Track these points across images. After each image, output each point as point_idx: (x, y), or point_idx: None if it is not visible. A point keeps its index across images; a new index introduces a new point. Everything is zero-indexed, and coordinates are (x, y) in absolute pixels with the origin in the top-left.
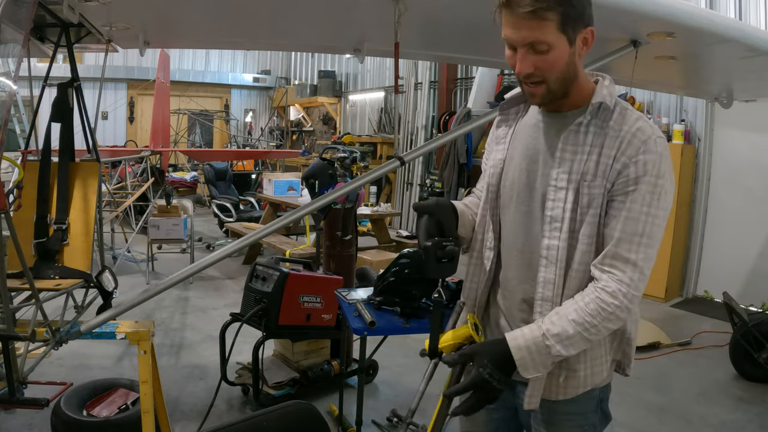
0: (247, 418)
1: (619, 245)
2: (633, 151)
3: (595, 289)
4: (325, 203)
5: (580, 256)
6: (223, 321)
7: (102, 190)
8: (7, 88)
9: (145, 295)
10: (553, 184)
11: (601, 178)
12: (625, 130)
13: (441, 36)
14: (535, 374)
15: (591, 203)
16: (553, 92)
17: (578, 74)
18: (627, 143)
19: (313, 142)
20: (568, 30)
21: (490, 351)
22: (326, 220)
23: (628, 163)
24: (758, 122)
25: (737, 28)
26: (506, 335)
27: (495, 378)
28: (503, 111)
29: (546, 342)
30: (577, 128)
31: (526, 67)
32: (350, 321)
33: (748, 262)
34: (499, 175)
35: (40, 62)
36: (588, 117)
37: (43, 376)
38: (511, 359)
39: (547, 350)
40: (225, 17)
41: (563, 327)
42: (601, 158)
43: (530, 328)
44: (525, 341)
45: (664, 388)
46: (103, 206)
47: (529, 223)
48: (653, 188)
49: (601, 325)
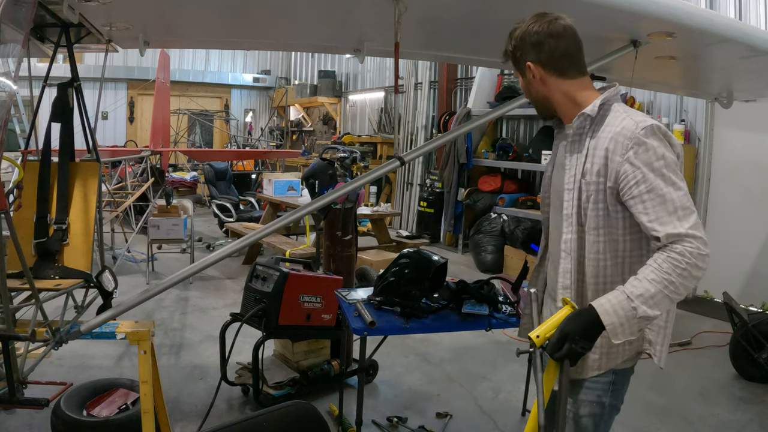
0: (247, 418)
1: (664, 229)
2: (621, 149)
3: (664, 251)
4: (325, 203)
5: (590, 246)
6: (223, 321)
7: (102, 190)
8: (7, 88)
9: (145, 295)
10: (566, 187)
11: (596, 176)
12: (612, 131)
13: (441, 36)
14: (623, 340)
15: (589, 198)
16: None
17: (548, 95)
18: (615, 143)
19: (313, 142)
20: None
21: (580, 325)
22: (326, 220)
23: (621, 162)
24: (758, 122)
25: (737, 28)
26: (593, 303)
27: (586, 348)
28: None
29: (631, 304)
30: (576, 138)
31: None
32: (350, 321)
33: (748, 262)
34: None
35: (40, 62)
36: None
37: (43, 376)
38: (600, 326)
39: (633, 312)
40: (225, 17)
41: (645, 287)
42: (594, 159)
43: (613, 294)
44: (611, 306)
45: (664, 388)
46: (103, 206)
47: (559, 222)
48: (659, 170)
49: (678, 282)
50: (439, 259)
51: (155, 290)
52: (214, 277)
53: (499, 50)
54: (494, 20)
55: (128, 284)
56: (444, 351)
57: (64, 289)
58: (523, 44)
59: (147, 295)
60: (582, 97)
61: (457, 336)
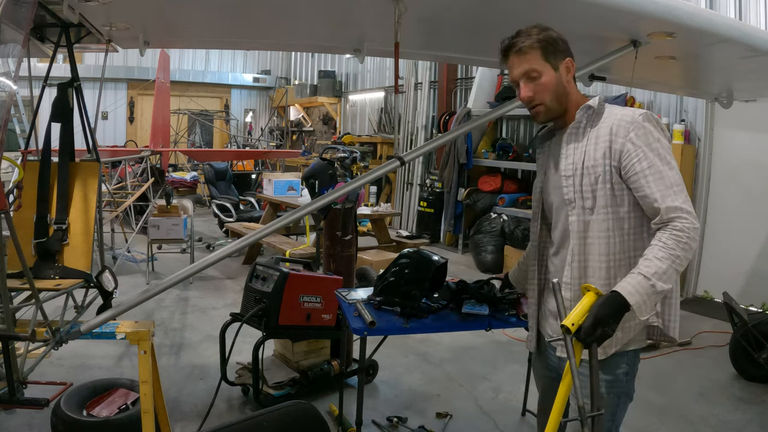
0: (247, 418)
1: (664, 201)
2: (624, 131)
3: (665, 229)
4: (325, 203)
5: (599, 224)
6: (223, 321)
7: (102, 190)
8: (7, 88)
9: (145, 295)
10: (563, 174)
11: (602, 158)
12: (613, 119)
13: (441, 36)
14: (647, 315)
15: (597, 179)
16: (551, 109)
17: (570, 93)
18: (617, 127)
19: (313, 142)
20: (550, 59)
21: (612, 309)
22: (326, 220)
23: (624, 142)
24: (758, 122)
25: (737, 28)
26: (616, 288)
27: (614, 329)
28: (538, 146)
29: (649, 282)
30: (575, 130)
31: (527, 92)
32: (350, 321)
33: (748, 262)
34: (540, 193)
35: (40, 62)
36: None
37: (43, 376)
38: (626, 307)
39: (652, 288)
40: (225, 17)
41: (657, 265)
42: (598, 144)
43: (631, 277)
44: (633, 287)
45: (664, 388)
46: (103, 206)
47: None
48: (657, 153)
49: (682, 255)
50: (439, 259)
51: (155, 290)
52: (214, 277)
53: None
54: (494, 20)
55: (128, 284)
56: (444, 351)
57: (64, 289)
58: (564, 41)
59: (147, 295)
60: (582, 100)
61: (457, 336)
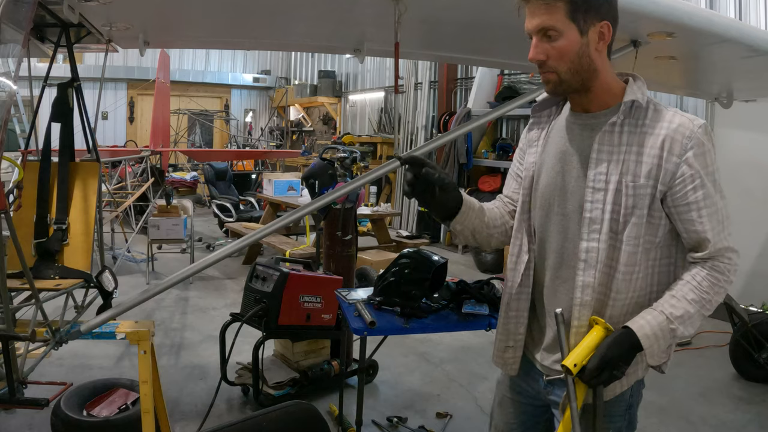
0: (247, 418)
1: (716, 240)
2: (680, 149)
3: (704, 267)
4: (325, 203)
5: (627, 257)
6: (223, 321)
7: (102, 190)
8: (7, 88)
9: (145, 295)
10: (591, 186)
11: (646, 178)
12: (665, 127)
13: (441, 36)
14: (658, 362)
15: (637, 204)
16: (565, 83)
17: (598, 69)
18: (672, 141)
19: (313, 142)
20: (578, 19)
21: (624, 350)
22: (326, 220)
23: (679, 162)
24: (758, 122)
25: (737, 28)
26: (631, 326)
27: (624, 372)
28: (535, 113)
29: (671, 326)
30: (611, 128)
31: (538, 53)
32: (350, 321)
33: (748, 262)
34: (531, 179)
35: (40, 62)
36: (621, 116)
37: (43, 376)
38: (638, 348)
39: (672, 333)
40: (225, 17)
41: (685, 309)
42: (643, 158)
43: (652, 315)
44: (652, 329)
45: (664, 388)
46: (103, 206)
47: (565, 226)
48: (713, 178)
49: (713, 300)
50: (439, 259)
51: (155, 290)
52: (214, 277)
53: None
54: (495, 20)
55: (128, 284)
56: (444, 351)
57: (64, 289)
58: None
59: (147, 295)
60: (615, 82)
61: (457, 336)
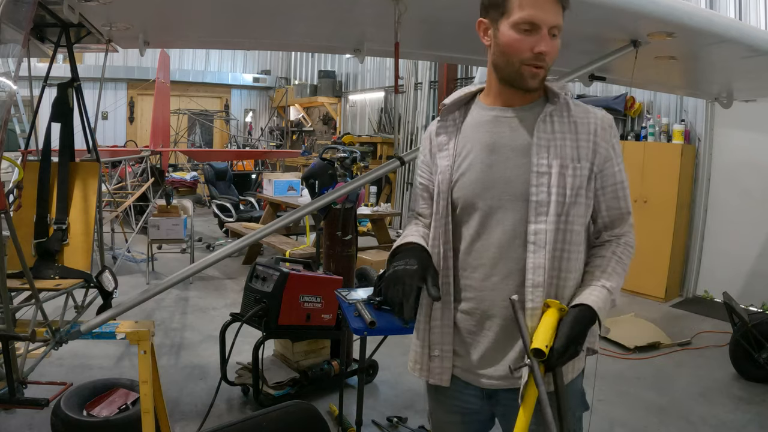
0: (247, 418)
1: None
2: (607, 135)
3: (617, 242)
4: (325, 203)
5: (575, 236)
6: (223, 321)
7: (102, 190)
8: (7, 88)
9: (145, 295)
10: (535, 170)
11: (585, 161)
12: (592, 117)
13: (441, 36)
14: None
15: (582, 184)
16: (544, 78)
17: None
18: (600, 129)
19: (313, 142)
20: None
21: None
22: (326, 220)
23: (608, 147)
24: (758, 122)
25: (737, 28)
26: (586, 302)
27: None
28: (445, 116)
29: (611, 297)
30: (547, 118)
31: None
32: (350, 321)
33: (748, 262)
34: (449, 181)
35: (40, 62)
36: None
37: (43, 376)
38: (593, 322)
39: (612, 303)
40: (225, 17)
41: (617, 281)
42: (579, 143)
43: (596, 290)
44: (602, 302)
45: (664, 388)
46: (103, 206)
47: (506, 216)
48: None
49: (627, 269)
50: None
51: (155, 290)
52: (214, 277)
53: None
54: None
55: (128, 284)
56: None
57: (64, 289)
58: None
59: (147, 295)
60: None
61: None
